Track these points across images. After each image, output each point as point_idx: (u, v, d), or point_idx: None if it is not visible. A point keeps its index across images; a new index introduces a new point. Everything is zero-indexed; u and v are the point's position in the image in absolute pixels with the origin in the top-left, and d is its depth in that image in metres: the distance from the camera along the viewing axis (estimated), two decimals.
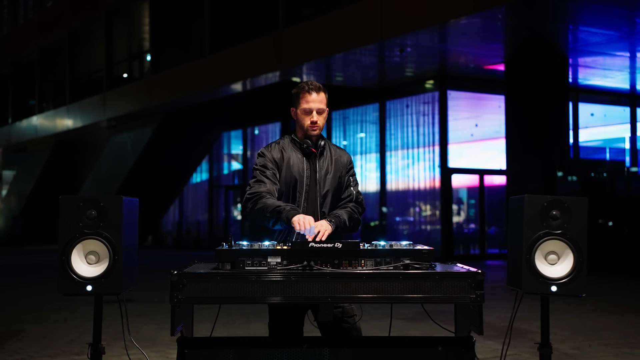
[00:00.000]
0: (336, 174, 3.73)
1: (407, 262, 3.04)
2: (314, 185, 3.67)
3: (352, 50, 14.19)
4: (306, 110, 3.65)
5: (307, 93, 3.65)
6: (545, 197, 3.11)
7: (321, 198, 3.67)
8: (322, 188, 3.68)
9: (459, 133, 19.04)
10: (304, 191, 3.65)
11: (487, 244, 17.73)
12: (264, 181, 3.61)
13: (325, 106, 3.69)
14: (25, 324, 7.48)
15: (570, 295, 3.09)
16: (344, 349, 3.34)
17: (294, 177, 3.65)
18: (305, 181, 3.66)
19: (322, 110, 3.66)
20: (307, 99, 3.64)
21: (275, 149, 3.71)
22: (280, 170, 3.66)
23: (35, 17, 28.69)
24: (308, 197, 3.66)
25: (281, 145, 3.73)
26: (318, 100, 3.64)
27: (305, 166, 3.68)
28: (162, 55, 21.42)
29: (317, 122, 3.65)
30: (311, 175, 3.68)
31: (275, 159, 3.67)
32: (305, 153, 3.69)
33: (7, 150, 32.24)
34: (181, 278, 2.94)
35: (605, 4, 11.36)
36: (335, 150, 3.80)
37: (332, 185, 3.70)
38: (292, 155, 3.68)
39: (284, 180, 3.66)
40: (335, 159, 3.75)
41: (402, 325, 6.96)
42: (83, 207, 3.11)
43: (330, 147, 3.80)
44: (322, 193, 3.68)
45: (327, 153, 3.75)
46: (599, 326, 7.21)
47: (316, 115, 3.64)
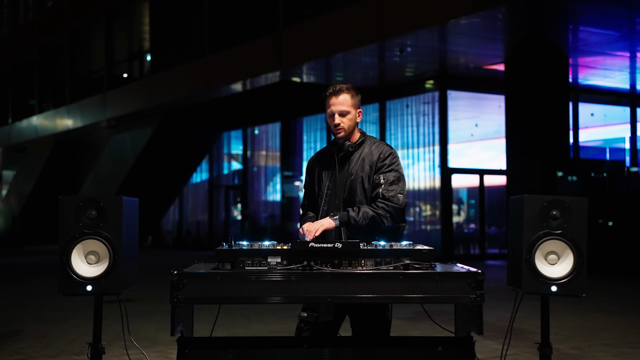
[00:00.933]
0: (361, 174, 3.64)
1: (407, 262, 3.04)
2: (335, 189, 3.71)
3: (352, 50, 14.19)
4: (329, 114, 3.70)
5: (329, 97, 3.70)
6: (545, 197, 3.11)
7: (344, 204, 3.66)
8: (345, 192, 3.67)
9: (459, 133, 19.03)
10: (324, 195, 3.71)
11: (487, 244, 17.73)
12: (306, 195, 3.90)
13: (349, 107, 3.66)
14: (25, 324, 7.48)
15: (570, 295, 3.09)
16: (344, 349, 3.34)
17: (319, 182, 3.78)
18: (328, 185, 3.73)
19: (344, 112, 3.66)
20: (329, 103, 3.69)
21: (315, 156, 3.91)
22: (313, 176, 3.83)
23: (35, 17, 28.68)
24: (329, 201, 3.71)
25: (321, 150, 3.91)
26: (339, 102, 3.66)
27: (330, 172, 3.75)
28: (162, 55, 21.42)
29: (340, 125, 3.66)
30: (334, 179, 3.72)
31: (309, 166, 3.88)
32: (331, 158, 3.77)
33: (7, 150, 32.24)
34: (181, 278, 2.94)
35: (605, 4, 11.35)
36: (370, 148, 3.70)
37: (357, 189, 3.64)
38: (322, 161, 3.81)
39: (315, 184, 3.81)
40: (364, 157, 3.67)
41: (402, 325, 6.95)
42: (83, 207, 3.11)
43: (367, 144, 3.72)
44: (344, 198, 3.66)
45: (360, 152, 3.70)
46: (599, 326, 7.21)
47: (338, 117, 3.66)
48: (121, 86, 23.33)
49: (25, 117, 29.45)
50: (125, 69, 24.20)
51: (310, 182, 3.85)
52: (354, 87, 3.73)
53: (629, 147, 18.34)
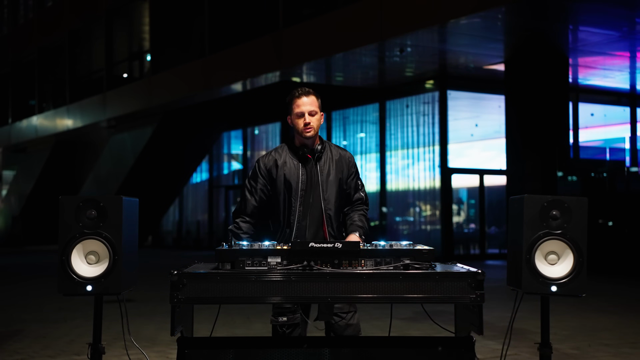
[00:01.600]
0: (337, 175, 3.82)
1: (407, 262, 3.04)
2: (311, 190, 3.77)
3: (352, 50, 14.19)
4: (298, 114, 3.76)
5: (297, 98, 3.77)
6: (545, 197, 3.11)
7: (325, 202, 3.77)
8: (324, 191, 3.77)
9: (459, 133, 19.03)
10: (299, 196, 3.75)
11: (487, 244, 17.73)
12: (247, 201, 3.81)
13: (317, 108, 3.78)
14: (25, 324, 7.48)
15: (570, 295, 3.09)
16: (344, 349, 3.34)
17: (288, 182, 3.76)
18: (301, 186, 3.75)
19: (314, 112, 3.76)
20: (298, 103, 3.76)
21: (269, 157, 3.84)
22: (274, 178, 3.79)
23: (36, 17, 28.68)
24: (304, 202, 3.76)
25: (278, 152, 3.85)
26: (309, 102, 3.75)
27: (301, 172, 3.78)
28: (162, 55, 21.42)
29: (310, 123, 3.74)
30: (307, 180, 3.77)
31: (268, 168, 3.81)
32: (301, 159, 3.80)
33: (7, 150, 32.23)
34: (181, 278, 2.94)
35: (605, 4, 11.35)
36: (337, 151, 3.89)
37: (334, 188, 3.81)
38: (288, 161, 3.79)
39: (280, 186, 3.77)
40: (336, 160, 3.84)
41: (402, 325, 6.95)
42: (83, 207, 3.11)
43: (331, 148, 3.89)
44: (325, 196, 3.77)
45: (327, 155, 3.84)
46: (599, 326, 7.21)
47: (308, 116, 3.74)
48: (121, 86, 23.33)
49: (25, 117, 29.44)
50: (125, 69, 24.20)
51: (270, 184, 3.80)
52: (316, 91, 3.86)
53: (629, 147, 18.34)
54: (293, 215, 3.74)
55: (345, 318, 3.73)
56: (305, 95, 3.76)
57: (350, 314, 3.75)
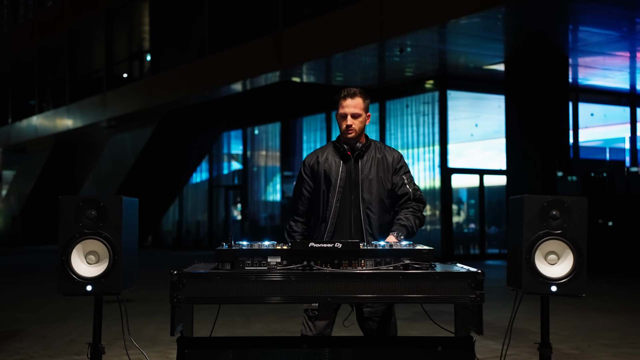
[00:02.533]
0: (378, 174, 3.79)
1: (407, 262, 3.04)
2: (349, 188, 3.77)
3: (352, 50, 14.19)
4: (342, 115, 3.79)
5: (343, 99, 3.79)
6: (545, 197, 3.11)
7: (364, 202, 3.75)
8: (364, 191, 3.76)
9: (459, 133, 19.03)
10: (337, 192, 3.76)
11: (487, 244, 17.72)
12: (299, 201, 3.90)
13: (361, 111, 3.78)
14: (25, 324, 7.47)
15: (570, 295, 3.09)
16: (344, 349, 3.34)
17: (327, 178, 3.79)
18: (339, 183, 3.77)
19: (357, 115, 3.77)
20: (342, 104, 3.78)
21: (313, 155, 3.90)
22: (315, 174, 3.83)
23: (35, 17, 28.67)
24: (342, 199, 3.76)
25: (322, 150, 3.91)
26: (352, 105, 3.77)
27: (341, 169, 3.79)
28: (162, 55, 21.42)
29: (352, 126, 3.76)
30: (347, 178, 3.78)
31: (311, 164, 3.87)
32: (343, 156, 3.81)
33: (7, 150, 32.23)
34: (181, 278, 2.94)
35: (605, 4, 11.35)
36: (382, 151, 3.86)
37: (375, 187, 3.78)
38: (330, 158, 3.83)
39: (320, 181, 3.81)
40: (379, 159, 3.82)
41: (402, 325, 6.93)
42: (83, 207, 3.11)
43: (377, 148, 3.86)
44: (364, 196, 3.76)
45: (371, 154, 3.82)
46: (599, 326, 7.21)
47: (350, 119, 3.76)
48: (121, 86, 23.33)
49: (25, 117, 29.44)
50: (125, 69, 24.19)
51: (314, 184, 3.85)
52: (365, 92, 3.84)
53: (628, 147, 18.34)
54: (329, 211, 3.75)
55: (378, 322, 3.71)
56: (351, 97, 3.77)
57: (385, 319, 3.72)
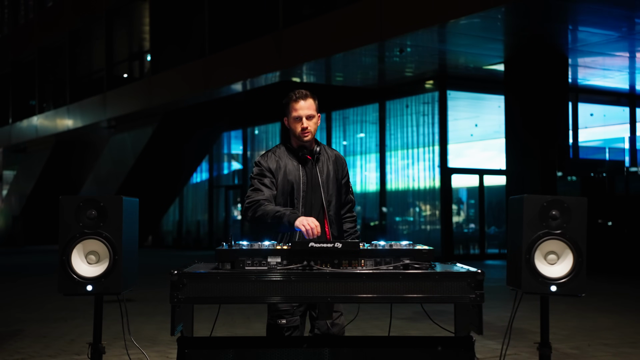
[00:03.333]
0: (336, 175, 3.86)
1: (407, 262, 3.05)
2: (311, 191, 3.76)
3: (352, 50, 14.19)
4: (296, 118, 3.74)
5: (295, 102, 3.74)
6: (545, 197, 3.11)
7: (327, 202, 3.77)
8: (326, 193, 3.78)
9: (459, 133, 19.04)
10: (301, 197, 3.74)
11: (487, 244, 17.73)
12: (261, 189, 3.70)
13: (314, 112, 3.77)
14: (25, 324, 7.48)
15: (570, 295, 3.09)
16: (343, 348, 3.34)
17: (290, 184, 3.73)
18: (302, 187, 3.74)
19: (311, 116, 3.75)
20: (296, 107, 3.74)
21: (270, 158, 3.79)
22: (276, 179, 3.74)
23: (36, 17, 28.68)
24: (306, 203, 3.75)
25: (276, 154, 3.81)
26: (306, 107, 3.74)
27: (301, 173, 3.76)
28: (162, 55, 21.42)
29: (308, 128, 3.74)
30: (308, 182, 3.76)
31: (271, 168, 3.75)
32: (300, 160, 3.78)
33: (7, 150, 32.23)
34: (181, 278, 2.94)
35: (605, 4, 11.35)
36: (331, 152, 3.91)
37: (334, 189, 3.83)
38: (288, 163, 3.77)
39: (280, 189, 3.74)
40: (333, 161, 3.87)
41: (402, 325, 6.96)
42: (83, 207, 3.12)
43: (327, 150, 3.91)
44: (327, 197, 3.77)
45: (324, 157, 3.86)
46: (598, 326, 7.21)
47: (306, 121, 3.73)
48: (121, 86, 23.33)
49: (25, 117, 29.44)
50: (125, 69, 24.19)
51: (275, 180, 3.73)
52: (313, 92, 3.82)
53: (628, 147, 18.34)
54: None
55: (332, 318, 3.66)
56: (303, 98, 3.73)
57: (337, 314, 3.71)
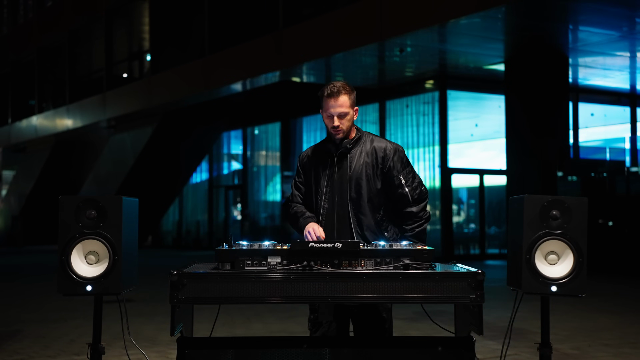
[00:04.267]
0: (367, 172, 3.62)
1: (407, 262, 3.04)
2: (338, 186, 3.63)
3: (352, 50, 14.18)
4: (328, 115, 3.63)
5: (327, 98, 3.61)
6: (545, 197, 3.11)
7: (352, 202, 3.60)
8: (351, 191, 3.61)
9: (459, 133, 19.03)
10: (324, 192, 3.65)
11: (487, 244, 17.72)
12: (294, 190, 3.82)
13: (348, 108, 3.59)
14: (25, 324, 7.47)
15: (571, 295, 3.09)
16: (344, 349, 3.34)
17: (315, 180, 3.70)
18: (326, 182, 3.65)
19: (343, 114, 3.59)
20: (328, 105, 3.61)
21: (306, 153, 3.81)
22: (307, 172, 3.75)
23: (35, 17, 28.67)
24: (330, 199, 3.63)
25: (312, 148, 3.81)
26: (338, 104, 3.58)
27: (328, 168, 3.67)
28: (162, 55, 21.42)
29: (339, 127, 3.59)
30: (333, 177, 3.64)
31: (304, 164, 3.77)
32: (330, 154, 3.68)
33: (7, 150, 32.22)
34: (181, 278, 2.94)
35: (605, 4, 11.35)
36: (374, 144, 3.68)
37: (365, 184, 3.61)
38: (319, 156, 3.73)
39: (310, 183, 3.73)
40: (370, 153, 3.64)
41: (402, 325, 6.95)
42: (83, 207, 3.11)
43: (369, 141, 3.68)
44: (352, 196, 3.60)
45: (359, 149, 3.66)
46: (599, 326, 7.21)
47: (337, 120, 3.59)
48: (121, 86, 23.32)
49: (25, 117, 29.44)
50: (125, 68, 24.19)
51: (305, 180, 3.76)
52: (349, 85, 3.65)
53: (629, 147, 18.34)
54: (319, 211, 3.66)
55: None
56: (334, 96, 3.57)
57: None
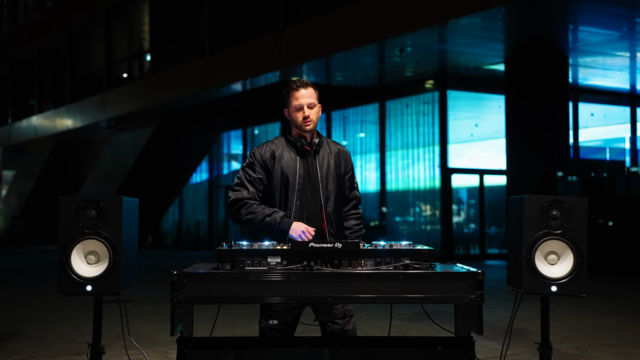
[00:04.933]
0: (336, 170, 3.72)
1: (407, 262, 3.04)
2: (308, 184, 3.65)
3: (352, 50, 14.19)
4: (297, 107, 3.63)
5: (295, 90, 3.64)
6: (545, 197, 3.11)
7: (324, 198, 3.65)
8: (324, 188, 3.66)
9: (459, 133, 19.03)
10: (296, 190, 3.63)
11: (487, 244, 17.72)
12: (246, 186, 3.67)
13: (315, 101, 3.66)
14: (25, 324, 7.47)
15: (571, 295, 3.09)
16: (343, 349, 3.34)
17: (285, 176, 3.63)
18: (298, 180, 3.63)
19: (313, 105, 3.64)
20: (296, 96, 3.63)
21: (266, 148, 3.70)
22: (270, 170, 3.65)
23: (35, 17, 28.68)
24: (301, 196, 3.63)
25: (275, 144, 3.71)
26: (307, 95, 3.63)
27: (299, 165, 3.65)
28: (162, 55, 21.42)
29: (310, 116, 3.63)
30: (305, 175, 3.65)
31: (265, 159, 3.66)
32: (299, 152, 3.67)
33: (7, 150, 32.21)
34: (181, 278, 2.94)
35: (605, 4, 11.35)
36: (334, 146, 3.78)
37: (334, 184, 3.70)
38: (285, 154, 3.66)
39: (276, 179, 3.64)
40: (335, 154, 3.74)
41: (402, 325, 6.95)
42: (83, 207, 3.11)
43: (329, 143, 3.78)
44: (325, 193, 3.65)
45: (325, 150, 3.73)
46: (599, 326, 7.21)
47: (307, 109, 3.62)
48: (121, 86, 23.32)
49: (25, 117, 29.44)
50: (125, 68, 24.19)
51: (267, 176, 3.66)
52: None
53: (629, 147, 18.34)
54: (289, 211, 3.61)
55: (340, 324, 3.59)
56: (304, 87, 3.63)
57: (346, 320, 3.61)
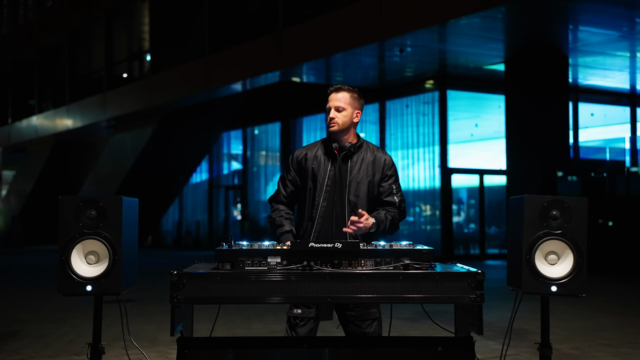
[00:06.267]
0: (367, 177, 3.70)
1: (407, 262, 3.04)
2: (338, 187, 3.69)
3: (352, 50, 14.19)
4: (327, 109, 3.75)
5: (329, 94, 3.78)
6: (545, 197, 3.11)
7: (349, 205, 3.66)
8: (350, 194, 3.67)
9: (459, 133, 19.03)
10: (324, 191, 3.68)
11: (487, 244, 17.72)
12: (280, 189, 3.82)
13: (346, 104, 3.70)
14: (25, 324, 7.47)
15: (571, 296, 3.09)
16: (344, 349, 3.34)
17: (315, 177, 3.71)
18: (327, 182, 3.68)
19: (340, 108, 3.70)
20: (329, 99, 3.77)
21: (302, 150, 3.83)
22: (303, 171, 3.76)
23: (35, 17, 28.67)
24: (328, 198, 3.68)
25: (312, 145, 3.83)
26: (336, 98, 3.72)
27: (330, 167, 3.70)
28: (162, 55, 21.41)
29: (334, 119, 3.70)
30: (334, 177, 3.69)
31: (299, 160, 3.78)
32: (331, 154, 3.73)
33: (7, 150, 32.21)
34: (181, 278, 2.94)
35: (605, 4, 11.35)
36: (374, 153, 3.77)
37: (363, 190, 3.69)
38: (319, 156, 3.75)
39: (308, 180, 3.74)
40: (370, 161, 3.72)
41: (402, 325, 6.95)
42: (83, 207, 3.11)
43: (369, 150, 3.77)
44: (350, 199, 3.67)
45: (362, 155, 3.73)
46: (599, 326, 7.21)
47: (334, 112, 3.70)
48: (121, 86, 23.32)
49: (25, 117, 29.44)
50: (125, 68, 24.19)
51: (299, 177, 3.76)
52: (357, 91, 3.78)
53: (629, 147, 18.33)
54: (315, 210, 3.67)
55: (362, 327, 3.59)
56: (336, 91, 3.75)
57: (367, 322, 3.59)
